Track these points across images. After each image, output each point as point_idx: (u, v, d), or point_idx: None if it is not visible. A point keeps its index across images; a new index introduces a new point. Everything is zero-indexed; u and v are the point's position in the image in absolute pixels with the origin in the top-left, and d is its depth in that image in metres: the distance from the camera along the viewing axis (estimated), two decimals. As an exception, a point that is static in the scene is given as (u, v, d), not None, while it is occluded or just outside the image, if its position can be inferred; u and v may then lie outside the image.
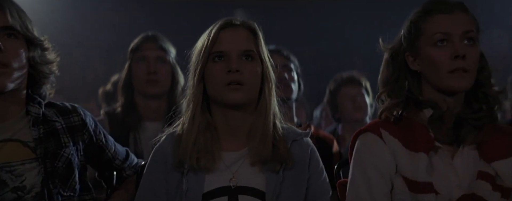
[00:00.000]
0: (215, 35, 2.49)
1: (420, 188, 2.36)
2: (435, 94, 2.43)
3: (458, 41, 2.39)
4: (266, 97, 2.52)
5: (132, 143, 3.57)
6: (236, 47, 2.48)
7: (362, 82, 4.39)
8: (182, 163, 2.45)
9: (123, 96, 3.68)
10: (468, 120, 2.42)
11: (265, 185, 2.45)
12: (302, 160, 2.52)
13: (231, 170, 2.47)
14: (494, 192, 2.38)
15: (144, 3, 8.50)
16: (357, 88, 4.41)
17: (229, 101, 2.46)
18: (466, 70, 2.38)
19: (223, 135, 2.51)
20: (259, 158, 2.46)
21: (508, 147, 2.45)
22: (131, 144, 3.56)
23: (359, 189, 2.42)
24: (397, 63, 2.50)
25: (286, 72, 3.85)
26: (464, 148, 2.43)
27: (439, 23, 2.41)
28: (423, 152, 2.38)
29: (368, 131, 2.47)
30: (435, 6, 2.44)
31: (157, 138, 2.56)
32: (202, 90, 2.50)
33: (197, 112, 2.49)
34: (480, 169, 2.41)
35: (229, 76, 2.45)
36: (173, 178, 2.46)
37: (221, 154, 2.48)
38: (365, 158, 2.44)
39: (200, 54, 2.50)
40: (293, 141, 2.53)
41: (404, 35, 2.49)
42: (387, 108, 2.48)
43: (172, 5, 8.11)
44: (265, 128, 2.49)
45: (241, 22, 2.53)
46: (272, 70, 2.56)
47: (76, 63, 9.18)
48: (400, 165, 2.40)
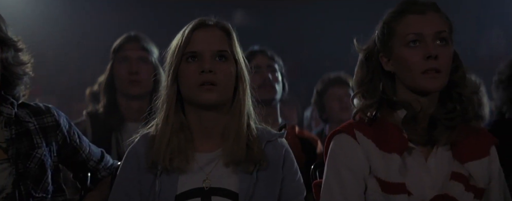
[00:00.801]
0: (189, 35, 2.49)
1: (392, 189, 2.36)
2: (409, 94, 2.43)
3: (431, 41, 2.39)
4: (240, 98, 2.51)
5: (114, 144, 3.56)
6: (210, 48, 2.47)
7: (349, 82, 4.38)
8: (155, 164, 2.45)
9: (105, 97, 3.68)
10: (442, 120, 2.41)
11: (239, 186, 2.44)
12: (276, 160, 2.51)
13: (204, 171, 2.46)
14: (467, 192, 2.38)
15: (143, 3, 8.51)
16: (344, 89, 4.40)
17: (202, 102, 2.45)
18: (439, 71, 2.38)
19: (197, 136, 2.51)
20: (232, 159, 2.46)
21: (482, 147, 2.46)
22: (113, 144, 3.56)
23: (333, 189, 2.42)
24: (371, 64, 2.50)
25: (270, 73, 3.85)
26: (438, 148, 2.43)
27: (411, 24, 2.41)
28: (396, 152, 2.38)
29: (342, 132, 2.46)
30: (408, 7, 2.44)
31: (131, 139, 2.56)
32: (175, 91, 2.49)
33: (171, 112, 2.48)
34: (453, 170, 2.41)
35: (202, 76, 2.44)
36: (146, 179, 2.45)
37: (195, 155, 2.48)
38: (339, 158, 2.44)
39: (173, 55, 2.50)
40: (268, 142, 2.53)
41: (377, 36, 2.49)
42: (361, 109, 2.48)
43: (171, 5, 8.12)
44: (239, 128, 2.48)
45: (215, 22, 2.53)
46: (247, 70, 2.55)
47: (73, 63, 9.20)
48: (373, 166, 2.40)
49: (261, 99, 3.80)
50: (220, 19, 2.55)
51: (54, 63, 9.32)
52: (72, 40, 8.64)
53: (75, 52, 9.03)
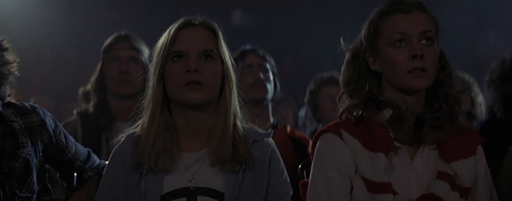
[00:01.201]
0: (174, 34, 2.48)
1: (378, 188, 2.36)
2: (395, 94, 2.43)
3: (416, 41, 2.39)
4: (226, 97, 2.51)
5: (105, 143, 3.56)
6: (195, 47, 2.47)
7: (342, 82, 4.36)
8: (141, 164, 2.44)
9: (95, 97, 3.68)
10: (428, 120, 2.41)
11: (224, 185, 2.44)
12: (262, 160, 2.51)
13: (190, 171, 2.46)
14: (452, 192, 2.38)
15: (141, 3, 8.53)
16: (337, 88, 4.37)
17: (188, 101, 2.45)
18: (425, 70, 2.38)
19: (183, 136, 2.50)
20: (218, 159, 2.45)
21: (468, 147, 2.45)
22: (104, 144, 3.56)
23: (318, 189, 2.42)
24: (358, 64, 2.50)
25: (262, 72, 3.85)
26: (425, 148, 2.43)
27: (397, 24, 2.41)
28: (382, 152, 2.38)
29: (329, 131, 2.46)
30: (393, 7, 2.44)
31: (117, 139, 2.55)
32: (161, 91, 2.49)
33: (156, 112, 2.48)
34: (439, 169, 2.41)
35: (188, 76, 2.44)
36: (132, 179, 2.45)
37: (181, 154, 2.48)
38: (325, 158, 2.44)
39: (159, 54, 2.49)
40: (254, 142, 2.52)
41: (364, 36, 2.49)
42: (347, 108, 2.48)
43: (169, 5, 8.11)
44: (225, 128, 2.48)
45: (201, 21, 2.53)
46: (233, 70, 2.55)
47: (71, 63, 9.21)
48: (359, 165, 2.40)
49: (252, 98, 3.83)
50: (206, 18, 2.55)
51: (52, 64, 9.35)
52: (70, 41, 8.66)
53: (73, 53, 9.05)
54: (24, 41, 8.32)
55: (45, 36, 8.43)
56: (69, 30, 8.42)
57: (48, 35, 8.42)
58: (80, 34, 8.52)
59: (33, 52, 8.73)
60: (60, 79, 8.96)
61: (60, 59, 8.96)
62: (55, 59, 9.05)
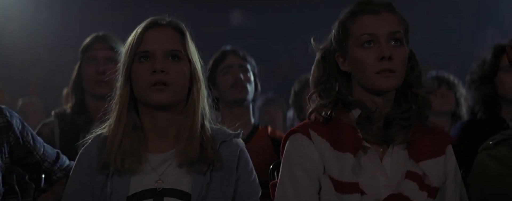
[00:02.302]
0: (141, 34, 2.47)
1: (345, 188, 2.36)
2: (364, 94, 2.43)
3: (385, 42, 2.39)
4: (194, 98, 2.49)
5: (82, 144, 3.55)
6: (162, 47, 2.46)
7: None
8: (107, 165, 2.43)
9: (73, 97, 3.67)
10: (397, 120, 2.41)
11: (191, 186, 2.43)
12: (230, 161, 2.50)
13: (157, 172, 2.45)
14: (421, 191, 2.38)
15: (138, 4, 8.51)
16: (321, 89, 4.37)
17: (154, 102, 2.44)
18: (393, 71, 2.38)
19: (150, 137, 2.49)
20: (186, 159, 2.44)
21: (436, 146, 2.45)
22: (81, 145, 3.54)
23: (286, 190, 2.42)
24: (328, 64, 2.50)
25: (242, 73, 3.84)
26: (394, 148, 2.43)
27: (365, 25, 2.41)
28: (350, 152, 2.37)
29: (297, 132, 2.46)
30: (362, 7, 2.44)
31: (85, 140, 2.54)
32: (128, 91, 2.48)
33: (123, 113, 2.47)
34: (408, 169, 2.40)
35: (154, 76, 2.43)
36: (98, 181, 2.44)
37: (148, 155, 2.47)
38: (293, 158, 2.44)
39: (126, 54, 2.49)
40: (222, 142, 2.51)
41: (334, 36, 2.49)
42: (316, 109, 2.47)
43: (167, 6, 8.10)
44: (193, 128, 2.47)
45: (168, 21, 2.52)
46: (202, 70, 2.54)
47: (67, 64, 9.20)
48: (327, 166, 2.39)
49: (233, 99, 3.85)
50: (174, 18, 2.54)
51: (48, 65, 9.35)
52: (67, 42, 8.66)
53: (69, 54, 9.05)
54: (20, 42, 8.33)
55: (41, 38, 8.44)
56: (66, 32, 8.42)
57: (45, 36, 8.42)
58: (77, 36, 8.51)
59: (29, 53, 8.74)
60: (57, 81, 8.96)
61: (57, 60, 8.96)
62: (52, 60, 9.05)
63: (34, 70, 8.90)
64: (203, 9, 8.13)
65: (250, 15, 9.03)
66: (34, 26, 8.30)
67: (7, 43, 8.28)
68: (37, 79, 9.01)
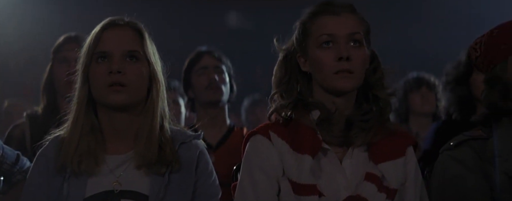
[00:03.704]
0: (98, 35, 2.46)
1: (303, 190, 2.34)
2: (324, 95, 2.42)
3: (343, 43, 2.38)
4: (153, 99, 2.48)
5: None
6: (119, 48, 2.44)
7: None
8: (64, 167, 2.41)
9: (45, 98, 3.64)
10: (357, 122, 2.40)
11: (149, 188, 2.41)
12: (189, 162, 2.48)
13: (115, 173, 2.43)
14: (379, 193, 2.37)
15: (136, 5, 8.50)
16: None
17: (111, 103, 2.42)
18: (351, 72, 2.37)
19: (109, 138, 2.47)
20: (144, 161, 2.43)
21: (396, 148, 2.44)
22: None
23: (246, 191, 2.40)
24: (289, 64, 2.49)
25: (217, 74, 3.83)
26: (354, 149, 2.42)
27: (325, 25, 2.40)
28: (308, 154, 2.36)
29: (258, 133, 2.45)
30: (322, 8, 2.44)
31: (43, 141, 2.53)
32: (87, 92, 2.46)
33: (81, 114, 2.45)
34: (367, 171, 2.39)
35: (111, 77, 2.41)
36: (55, 183, 2.42)
37: (105, 157, 2.45)
38: (253, 160, 2.43)
39: (84, 55, 2.47)
40: (182, 144, 2.50)
41: (295, 37, 2.48)
42: (276, 109, 2.47)
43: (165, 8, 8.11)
44: (151, 129, 2.45)
45: (126, 22, 2.50)
46: (161, 71, 2.52)
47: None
48: (286, 167, 2.38)
49: (207, 100, 3.83)
50: (132, 18, 2.52)
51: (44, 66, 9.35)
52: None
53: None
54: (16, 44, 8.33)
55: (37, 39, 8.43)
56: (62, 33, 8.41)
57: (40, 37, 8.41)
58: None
59: (26, 55, 8.73)
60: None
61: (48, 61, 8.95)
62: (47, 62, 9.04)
63: (29, 72, 8.89)
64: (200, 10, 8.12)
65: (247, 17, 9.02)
66: (30, 27, 8.29)
67: (2, 44, 8.27)
68: (32, 81, 9.00)
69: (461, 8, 7.40)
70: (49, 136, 2.52)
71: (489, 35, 2.49)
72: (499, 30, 2.47)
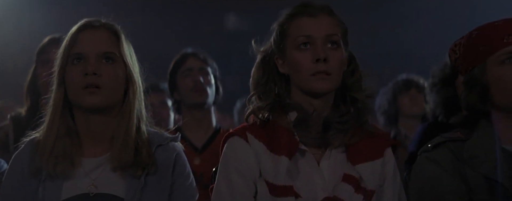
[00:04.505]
0: (74, 36, 2.44)
1: (279, 192, 2.34)
2: (302, 97, 2.42)
3: (321, 44, 2.38)
4: (130, 101, 2.46)
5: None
6: (95, 49, 2.42)
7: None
8: (40, 170, 2.40)
9: (28, 101, 3.64)
10: (334, 123, 2.39)
11: (125, 191, 2.40)
12: (166, 165, 2.47)
13: (91, 176, 2.42)
14: (356, 194, 2.37)
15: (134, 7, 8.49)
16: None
17: (86, 105, 2.40)
18: (328, 73, 2.37)
19: (85, 141, 2.46)
20: (120, 164, 2.41)
21: (375, 149, 2.44)
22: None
23: (222, 193, 2.40)
24: (267, 66, 2.49)
25: (202, 76, 3.82)
26: (332, 151, 2.41)
27: (302, 27, 2.40)
28: (285, 155, 2.35)
29: (235, 135, 2.44)
30: (300, 9, 2.43)
31: (19, 144, 2.51)
32: (62, 94, 2.44)
33: (56, 116, 2.43)
34: (345, 172, 2.39)
35: (86, 79, 2.39)
36: (30, 186, 2.40)
37: (81, 160, 2.43)
38: (229, 162, 2.42)
39: (60, 57, 2.46)
40: (158, 146, 2.48)
41: (273, 38, 2.48)
42: (253, 111, 2.46)
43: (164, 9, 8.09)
44: (127, 132, 2.43)
45: (102, 23, 2.48)
46: (139, 73, 2.51)
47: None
48: (263, 169, 2.37)
49: (193, 102, 3.82)
50: (109, 20, 2.51)
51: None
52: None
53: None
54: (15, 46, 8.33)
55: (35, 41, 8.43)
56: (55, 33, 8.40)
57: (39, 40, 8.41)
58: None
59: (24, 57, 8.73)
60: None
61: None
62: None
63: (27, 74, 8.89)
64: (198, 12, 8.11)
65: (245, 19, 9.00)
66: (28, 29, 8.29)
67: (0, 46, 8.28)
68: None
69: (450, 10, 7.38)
70: (26, 138, 2.50)
71: (468, 37, 2.48)
72: (478, 32, 2.46)
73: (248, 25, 9.31)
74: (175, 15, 8.00)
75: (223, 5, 8.49)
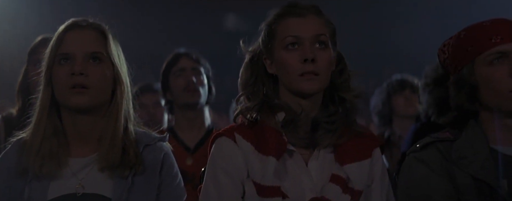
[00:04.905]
0: (61, 36, 2.44)
1: (267, 192, 2.34)
2: (290, 97, 2.41)
3: (309, 44, 2.37)
4: (117, 101, 2.45)
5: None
6: (82, 49, 2.41)
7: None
8: (26, 170, 2.39)
9: (20, 101, 3.63)
10: (322, 123, 2.39)
11: (112, 191, 2.39)
12: (153, 165, 2.46)
13: (78, 176, 2.41)
14: (344, 194, 2.36)
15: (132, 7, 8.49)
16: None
17: (73, 105, 2.39)
18: (317, 74, 2.36)
19: (72, 141, 2.45)
20: (107, 164, 2.40)
21: (361, 150, 2.43)
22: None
23: (210, 193, 2.40)
24: (256, 66, 2.49)
25: (195, 76, 3.80)
26: (320, 151, 2.41)
27: (290, 27, 2.40)
28: (273, 155, 2.35)
29: (223, 135, 2.44)
30: (288, 10, 2.43)
31: (6, 144, 2.51)
32: (50, 94, 2.43)
33: (43, 116, 2.42)
34: (333, 172, 2.39)
35: (73, 79, 2.38)
36: (17, 186, 2.39)
37: (68, 160, 2.42)
38: (217, 162, 2.41)
39: (47, 57, 2.45)
40: (146, 146, 2.47)
41: (261, 39, 2.48)
42: (241, 111, 2.46)
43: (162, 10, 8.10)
44: (115, 132, 2.42)
45: (89, 23, 2.47)
46: (126, 73, 2.50)
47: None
48: (250, 169, 2.37)
49: (185, 102, 3.81)
50: (96, 20, 2.50)
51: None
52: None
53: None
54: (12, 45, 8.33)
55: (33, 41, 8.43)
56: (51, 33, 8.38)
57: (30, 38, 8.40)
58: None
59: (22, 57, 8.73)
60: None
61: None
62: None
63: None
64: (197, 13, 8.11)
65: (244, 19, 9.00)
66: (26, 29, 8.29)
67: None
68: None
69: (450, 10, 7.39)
70: (13, 138, 2.49)
71: (457, 37, 2.48)
72: (466, 32, 2.46)
73: (248, 26, 9.32)
74: (174, 15, 8.01)
75: (222, 5, 8.50)
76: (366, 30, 7.26)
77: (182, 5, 8.06)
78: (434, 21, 7.51)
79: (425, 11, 7.70)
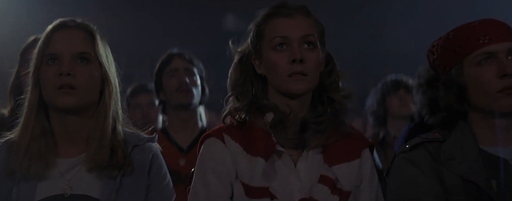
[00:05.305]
0: (48, 36, 2.43)
1: (255, 193, 2.33)
2: (279, 98, 2.41)
3: (297, 45, 2.37)
4: (105, 101, 2.44)
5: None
6: (70, 50, 2.41)
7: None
8: (14, 171, 2.38)
9: (12, 101, 3.62)
10: (311, 124, 2.39)
11: (100, 192, 2.38)
12: (142, 165, 2.45)
13: (66, 177, 2.40)
14: (332, 195, 2.36)
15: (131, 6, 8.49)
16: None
17: (60, 106, 2.39)
18: (305, 74, 2.36)
19: (60, 141, 2.44)
20: (95, 164, 2.39)
21: (350, 151, 2.43)
22: None
23: (198, 194, 2.39)
24: (245, 67, 2.48)
25: (188, 76, 3.80)
26: (309, 152, 2.40)
27: (278, 27, 2.39)
28: (262, 156, 2.34)
29: (212, 136, 2.43)
30: (276, 10, 2.42)
31: None
32: (38, 95, 2.43)
33: (31, 117, 2.42)
34: (322, 173, 2.38)
35: (61, 79, 2.38)
36: (4, 187, 2.38)
37: (56, 160, 2.41)
38: (206, 163, 2.41)
39: (35, 57, 2.45)
40: (134, 146, 2.47)
41: (250, 39, 2.47)
42: (230, 112, 2.45)
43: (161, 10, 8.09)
44: (103, 132, 2.42)
45: (76, 23, 2.47)
46: (115, 73, 2.49)
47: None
48: (239, 170, 2.37)
49: (178, 103, 3.81)
50: (84, 20, 2.49)
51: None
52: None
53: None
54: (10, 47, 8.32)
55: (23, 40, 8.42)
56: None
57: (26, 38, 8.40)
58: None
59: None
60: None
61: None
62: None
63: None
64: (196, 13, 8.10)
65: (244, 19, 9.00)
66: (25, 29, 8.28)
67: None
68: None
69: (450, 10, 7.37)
70: (1, 139, 2.49)
71: (446, 38, 2.48)
72: (454, 33, 2.46)
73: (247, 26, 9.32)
74: (174, 15, 8.00)
75: (221, 5, 8.49)
76: (366, 30, 7.25)
77: (182, 5, 8.05)
78: (434, 21, 7.48)
79: (425, 11, 7.69)
